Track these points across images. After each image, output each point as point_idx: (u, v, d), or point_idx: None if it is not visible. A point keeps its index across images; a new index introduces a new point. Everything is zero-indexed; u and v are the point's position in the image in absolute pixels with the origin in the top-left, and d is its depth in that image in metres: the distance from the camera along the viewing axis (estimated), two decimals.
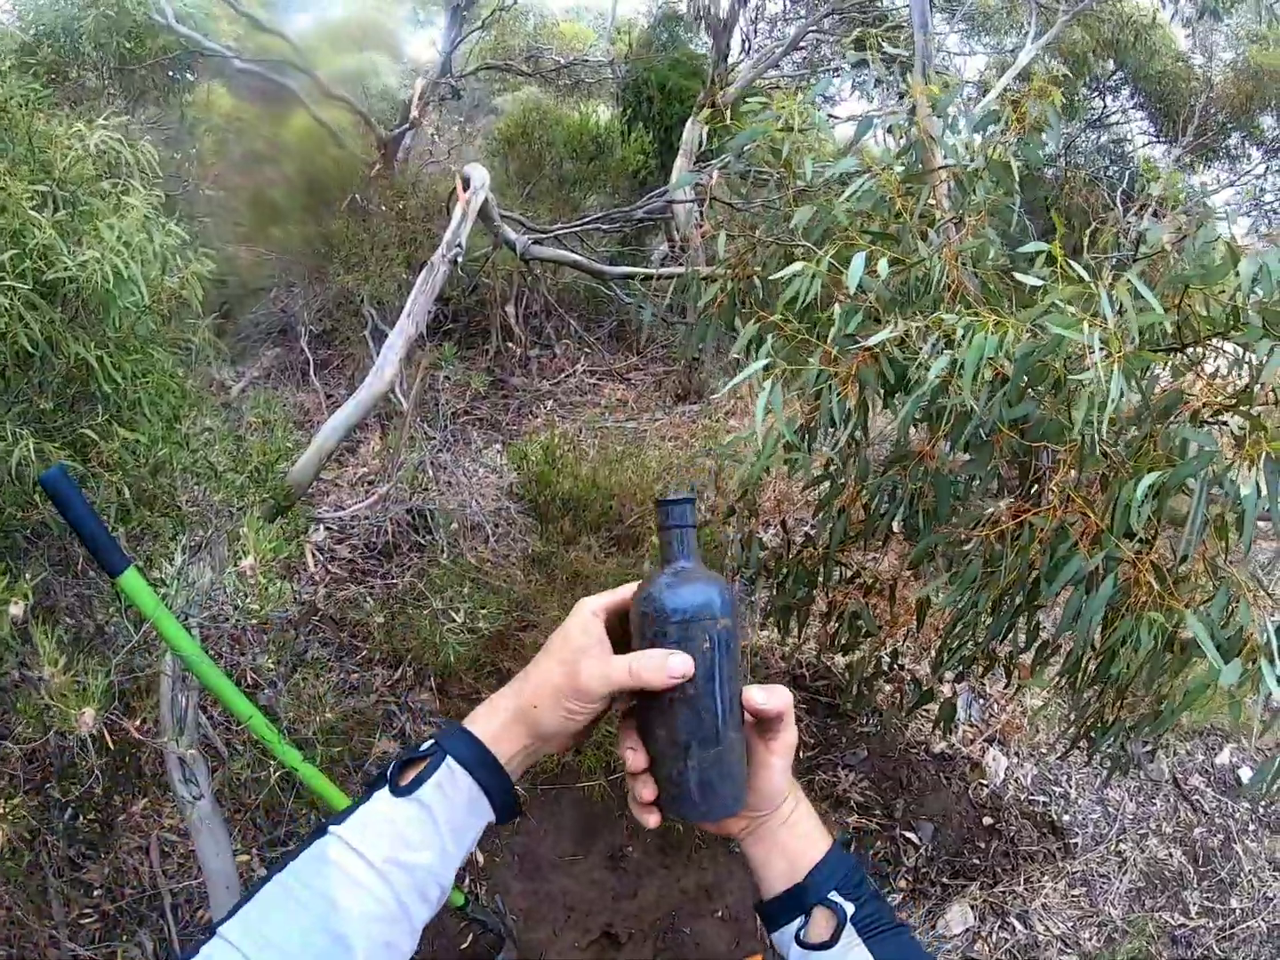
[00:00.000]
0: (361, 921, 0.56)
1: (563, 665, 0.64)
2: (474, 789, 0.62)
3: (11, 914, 1.99)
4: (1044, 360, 1.37)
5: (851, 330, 1.51)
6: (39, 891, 2.04)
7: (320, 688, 2.66)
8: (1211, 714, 2.91)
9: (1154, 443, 1.42)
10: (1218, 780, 2.90)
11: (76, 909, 2.09)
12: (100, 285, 1.34)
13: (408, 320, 2.39)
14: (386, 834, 0.59)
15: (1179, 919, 2.47)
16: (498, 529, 3.35)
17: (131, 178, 1.48)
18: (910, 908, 2.36)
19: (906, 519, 1.71)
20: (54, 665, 1.14)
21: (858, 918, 0.65)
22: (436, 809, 0.60)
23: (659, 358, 5.02)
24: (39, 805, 2.10)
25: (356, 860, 0.57)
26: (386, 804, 0.60)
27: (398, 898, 0.58)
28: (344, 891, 0.56)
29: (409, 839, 0.59)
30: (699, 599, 0.62)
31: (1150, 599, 1.44)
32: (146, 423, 1.57)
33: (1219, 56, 6.29)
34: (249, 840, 2.33)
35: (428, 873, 0.60)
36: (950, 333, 1.38)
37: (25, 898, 2.00)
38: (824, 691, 2.91)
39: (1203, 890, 2.55)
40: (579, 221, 4.03)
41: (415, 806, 0.60)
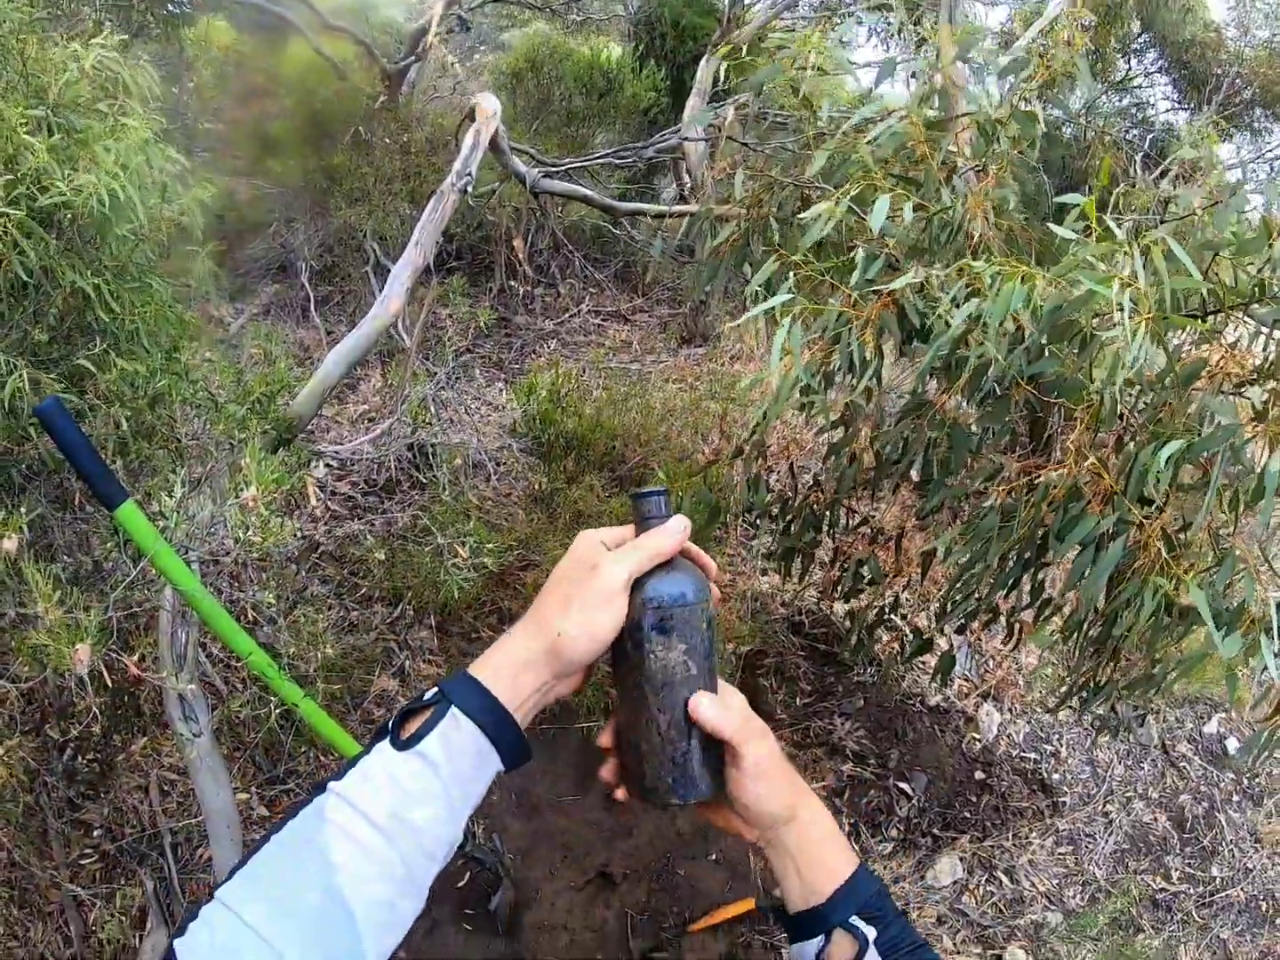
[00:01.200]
0: (360, 881, 0.54)
1: (579, 574, 0.64)
2: (480, 739, 0.58)
3: (12, 856, 2.02)
4: (1070, 317, 1.33)
5: (872, 275, 1.46)
6: (39, 833, 2.06)
7: (320, 624, 2.67)
8: (1204, 684, 2.93)
9: (1172, 410, 1.40)
10: (1205, 749, 2.94)
11: (77, 850, 2.10)
12: (96, 210, 1.29)
13: (414, 250, 2.32)
14: (387, 790, 0.56)
15: (1160, 883, 2.52)
16: (500, 467, 3.34)
17: (130, 98, 1.42)
18: (900, 858, 2.40)
19: (919, 469, 1.69)
20: (48, 601, 1.12)
21: (881, 941, 0.64)
22: (440, 763, 0.57)
23: (664, 300, 4.95)
24: (38, 747, 2.12)
25: (356, 818, 0.55)
26: (388, 758, 0.57)
27: (400, 856, 0.55)
28: (342, 850, 0.54)
29: (411, 794, 0.56)
30: (680, 588, 0.65)
31: (1157, 564, 1.43)
32: (145, 353, 1.53)
33: (1254, 33, 6.21)
34: (248, 779, 2.35)
35: (432, 830, 0.57)
36: (976, 281, 1.33)
37: (26, 839, 2.03)
38: (823, 639, 2.92)
39: (1185, 856, 2.60)
40: (591, 156, 3.91)
41: (418, 760, 0.57)
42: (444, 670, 2.71)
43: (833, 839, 0.70)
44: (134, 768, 2.31)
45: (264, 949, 0.50)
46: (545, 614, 0.63)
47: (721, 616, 2.74)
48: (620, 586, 0.62)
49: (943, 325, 1.38)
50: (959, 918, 2.31)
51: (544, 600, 0.64)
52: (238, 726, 2.41)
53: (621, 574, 0.62)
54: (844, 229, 1.51)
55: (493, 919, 2.08)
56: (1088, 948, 2.20)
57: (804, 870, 0.68)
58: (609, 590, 0.62)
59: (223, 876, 0.55)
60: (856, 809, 2.50)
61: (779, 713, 2.72)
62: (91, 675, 1.60)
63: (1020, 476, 1.53)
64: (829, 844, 0.70)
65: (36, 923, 1.98)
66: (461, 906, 2.13)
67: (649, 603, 0.63)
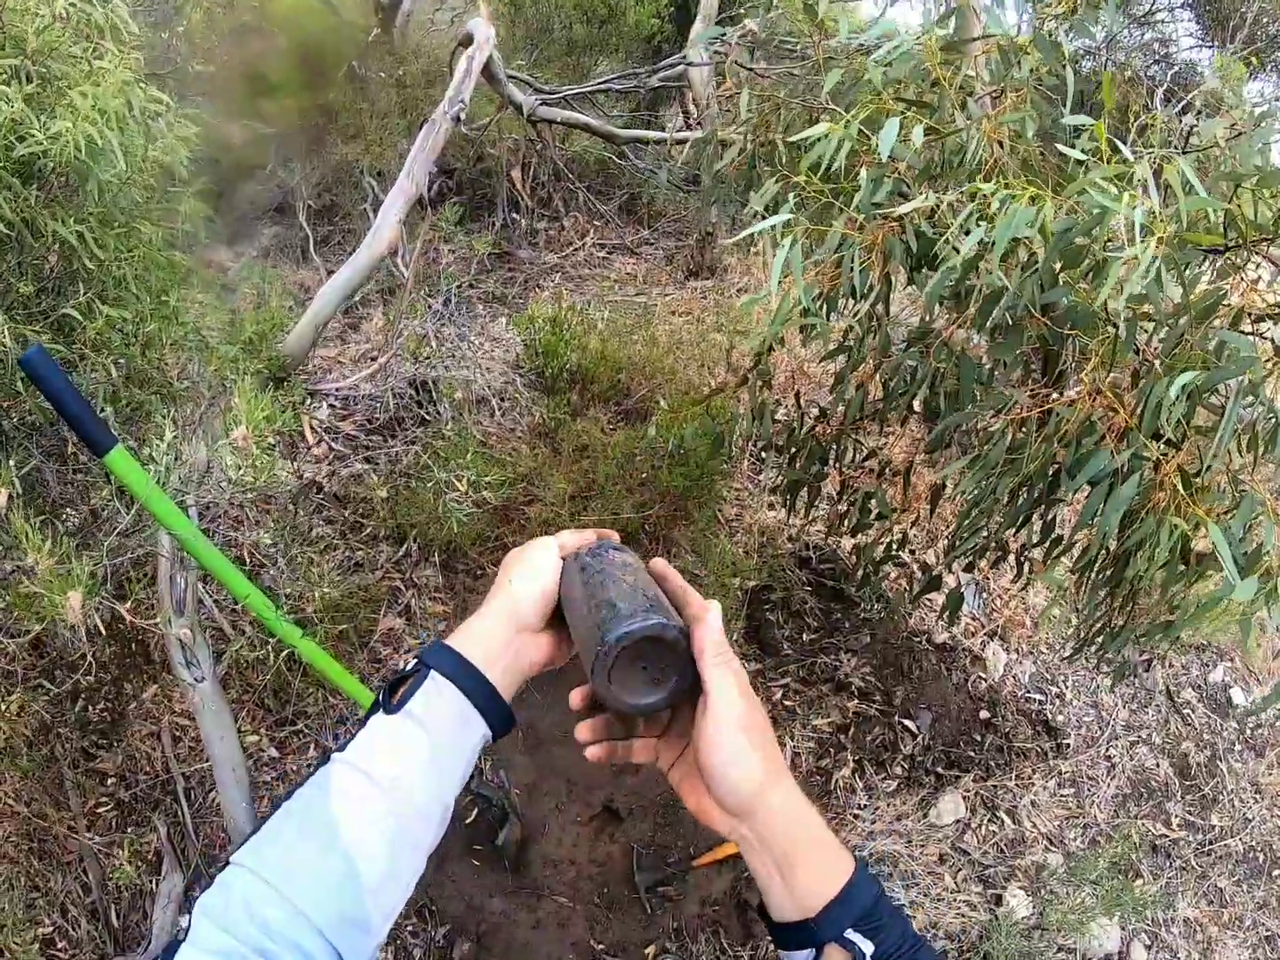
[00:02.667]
0: (362, 841, 0.57)
1: (521, 551, 0.74)
2: (459, 699, 0.63)
3: (30, 808, 2.06)
4: (1082, 240, 1.27)
5: (879, 199, 1.40)
6: (55, 784, 2.10)
7: (325, 565, 2.68)
8: (1213, 630, 2.91)
9: (1190, 344, 1.35)
10: (1209, 697, 2.93)
11: (93, 799, 2.14)
12: (73, 157, 1.26)
13: (406, 180, 2.25)
14: (383, 750, 0.60)
15: (1160, 829, 2.54)
16: (504, 402, 3.30)
17: (104, 40, 1.37)
18: (904, 795, 2.42)
19: (926, 400, 1.65)
20: (38, 551, 1.11)
21: (879, 954, 0.58)
22: (426, 721, 0.61)
23: (670, 232, 4.85)
24: (50, 699, 2.15)
25: (356, 776, 0.59)
26: (381, 722, 0.61)
27: (395, 812, 0.58)
28: (344, 809, 0.57)
29: (403, 750, 0.60)
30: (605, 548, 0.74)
31: (1173, 504, 1.39)
32: (134, 299, 1.51)
33: None
34: (258, 721, 2.38)
35: (425, 785, 0.61)
36: (985, 206, 1.27)
37: (42, 790, 2.07)
38: (830, 575, 2.91)
39: (1186, 804, 2.61)
40: (590, 83, 3.77)
41: (406, 719, 0.61)
42: (450, 608, 2.73)
43: (819, 837, 0.63)
44: (145, 715, 2.34)
45: (282, 903, 0.53)
46: (499, 581, 0.71)
47: (727, 551, 2.72)
48: (552, 542, 0.73)
49: (951, 251, 1.32)
50: (960, 856, 2.33)
51: (498, 576, 0.73)
52: (245, 669, 2.43)
53: (550, 538, 0.74)
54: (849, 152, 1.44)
55: (500, 854, 2.11)
56: (1086, 890, 2.22)
57: (789, 877, 0.61)
58: (542, 545, 0.73)
59: (230, 817, 0.58)
60: (861, 745, 2.52)
61: (785, 648, 2.72)
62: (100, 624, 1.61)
63: (1032, 409, 1.49)
64: (816, 847, 0.62)
65: (56, 873, 2.03)
66: (470, 842, 2.17)
67: (577, 554, 0.72)
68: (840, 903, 0.59)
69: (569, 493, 2.69)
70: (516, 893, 2.10)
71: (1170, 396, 1.28)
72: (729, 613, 2.54)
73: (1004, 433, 1.54)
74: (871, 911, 0.59)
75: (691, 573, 2.68)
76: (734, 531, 3.02)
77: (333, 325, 4.00)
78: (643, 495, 2.70)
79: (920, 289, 1.55)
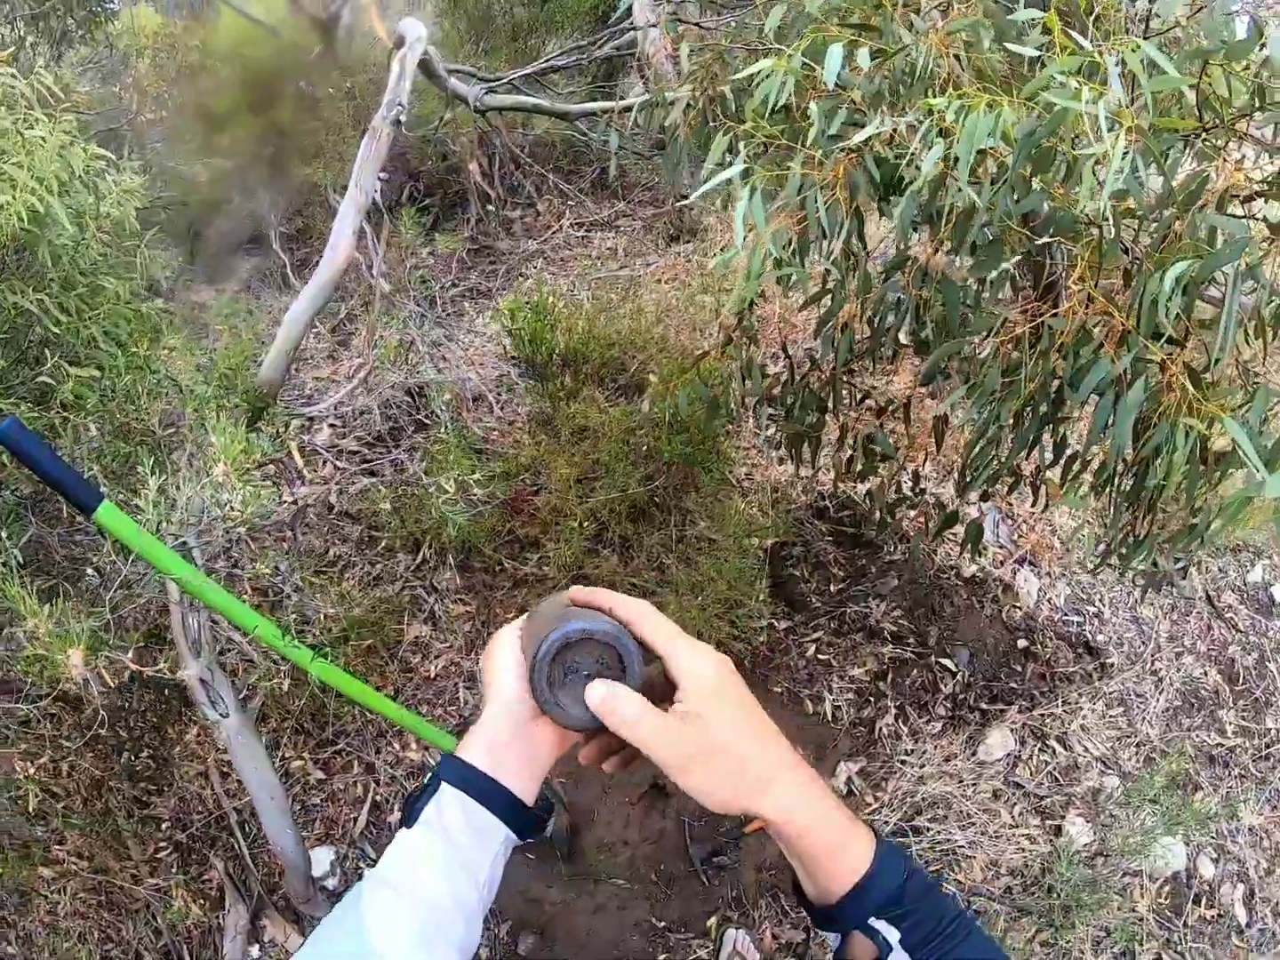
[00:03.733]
0: (395, 945, 0.58)
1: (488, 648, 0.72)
2: (469, 804, 0.64)
3: (93, 862, 2.09)
4: (1048, 141, 1.21)
5: (834, 131, 1.35)
6: (113, 835, 2.13)
7: (343, 584, 2.69)
8: (1247, 530, 2.83)
9: (1179, 235, 1.29)
10: (1250, 598, 2.86)
11: (151, 845, 2.17)
12: (18, 229, 1.26)
13: (355, 190, 2.22)
14: (404, 861, 0.62)
15: (1215, 739, 2.48)
16: (501, 396, 3.29)
17: (33, 110, 1.37)
18: (950, 735, 2.39)
19: (914, 331, 1.60)
20: (35, 616, 1.12)
21: (908, 942, 0.57)
22: (441, 828, 0.63)
23: (646, 201, 4.79)
24: (96, 754, 2.17)
25: (385, 891, 0.61)
26: (402, 837, 0.64)
27: (426, 920, 0.60)
28: (375, 919, 0.59)
29: (422, 861, 0.62)
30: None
31: (1184, 404, 1.34)
32: (107, 356, 1.52)
33: None
34: (299, 746, 2.40)
35: (453, 891, 0.62)
36: (942, 121, 1.22)
37: (102, 844, 2.10)
38: (849, 522, 2.87)
39: (1238, 710, 2.56)
40: (533, 65, 3.70)
41: (423, 830, 0.63)
42: (472, 608, 2.73)
43: (833, 824, 0.60)
44: (191, 756, 2.36)
45: None
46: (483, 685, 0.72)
47: (741, 512, 2.69)
48: (506, 634, 0.71)
49: (915, 173, 1.27)
50: (1015, 790, 2.30)
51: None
52: (281, 697, 2.45)
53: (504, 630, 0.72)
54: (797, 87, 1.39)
55: (552, 845, 2.12)
56: (1146, 810, 2.18)
57: (809, 867, 0.60)
58: (499, 634, 0.72)
59: (276, 843, 0.60)
60: (900, 690, 2.49)
61: (813, 602, 2.69)
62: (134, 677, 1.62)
63: (1027, 324, 1.44)
64: (831, 834, 0.60)
65: (126, 921, 2.06)
66: None
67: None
68: (861, 890, 0.58)
69: (573, 476, 2.67)
70: (573, 881, 2.11)
71: (1165, 291, 1.23)
72: (750, 573, 2.52)
73: (997, 355, 1.49)
74: (897, 897, 0.57)
75: (709, 538, 2.65)
76: (746, 491, 2.99)
77: (322, 345, 4.01)
78: (648, 468, 2.67)
79: (892, 219, 1.50)
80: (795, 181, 1.37)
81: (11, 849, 1.98)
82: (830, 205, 1.40)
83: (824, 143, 1.37)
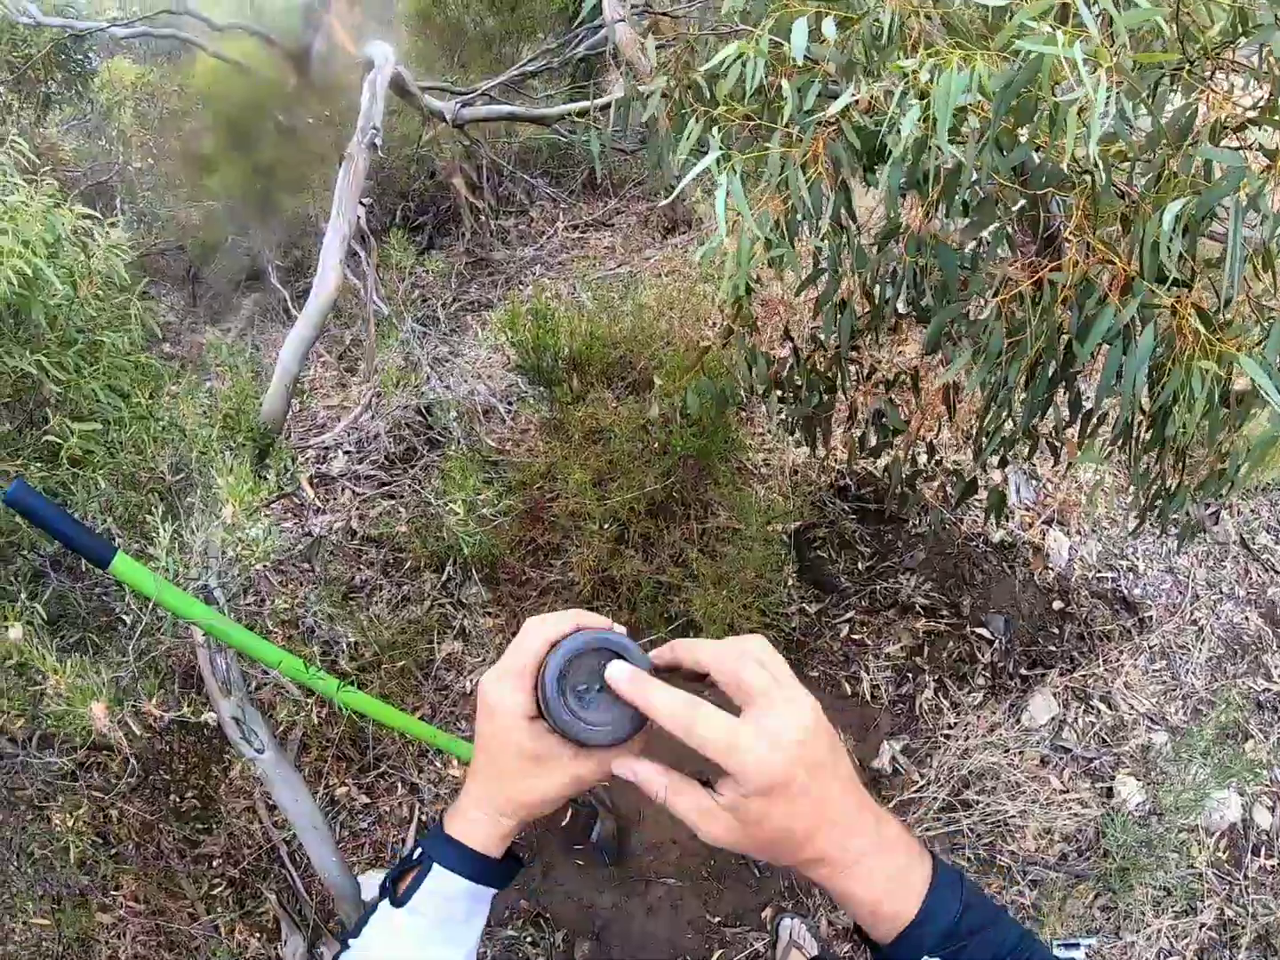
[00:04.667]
0: None
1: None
2: (461, 885, 0.64)
3: (150, 904, 2.12)
4: (1027, 91, 1.18)
5: (809, 106, 1.32)
6: (167, 877, 2.16)
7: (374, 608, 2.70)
8: (1276, 469, 2.75)
9: (1174, 173, 1.26)
10: None
11: (205, 883, 2.19)
12: (9, 294, 1.27)
13: (339, 219, 2.23)
14: (388, 943, 0.63)
15: (1262, 684, 2.42)
16: (511, 406, 3.29)
17: (12, 177, 1.40)
18: (992, 705, 2.35)
19: (914, 300, 1.57)
20: (56, 673, 1.13)
21: None
22: (430, 913, 0.63)
23: (639, 196, 4.78)
24: (144, 799, 2.20)
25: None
26: (387, 914, 0.64)
27: None
28: None
29: (408, 946, 0.63)
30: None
31: (1197, 346, 1.30)
32: (110, 409, 1.54)
33: None
34: (343, 773, 2.41)
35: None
36: (916, 82, 1.19)
37: (156, 887, 2.13)
38: (872, 498, 2.83)
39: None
40: (505, 74, 3.69)
41: (412, 916, 0.63)
42: (501, 620, 2.73)
43: (884, 864, 0.56)
44: (237, 792, 2.39)
45: None
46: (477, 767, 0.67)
47: (761, 498, 2.67)
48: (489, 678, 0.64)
49: (896, 139, 1.24)
50: (1062, 755, 2.26)
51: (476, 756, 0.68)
52: (320, 726, 2.47)
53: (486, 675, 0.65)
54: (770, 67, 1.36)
55: (600, 850, 2.11)
56: (1198, 763, 2.13)
57: (860, 911, 0.57)
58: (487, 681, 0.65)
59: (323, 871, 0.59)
60: (938, 664, 2.45)
61: (841, 582, 2.66)
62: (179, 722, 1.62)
63: (1028, 280, 1.41)
64: (881, 877, 0.56)
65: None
66: (569, 845, 2.17)
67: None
68: (915, 926, 0.55)
69: (590, 479, 2.66)
70: (624, 884, 2.10)
71: (1165, 232, 1.19)
72: (776, 559, 2.50)
73: (1000, 315, 1.46)
74: (952, 932, 0.55)
75: (731, 527, 2.63)
76: (765, 477, 2.96)
77: (329, 374, 4.03)
78: (663, 464, 2.65)
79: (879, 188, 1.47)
80: (775, 161, 1.34)
81: (68, 899, 2.01)
82: (813, 181, 1.37)
83: (800, 119, 1.35)
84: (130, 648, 1.38)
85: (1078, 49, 1.02)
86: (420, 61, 4.32)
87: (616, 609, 2.58)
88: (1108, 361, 1.37)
